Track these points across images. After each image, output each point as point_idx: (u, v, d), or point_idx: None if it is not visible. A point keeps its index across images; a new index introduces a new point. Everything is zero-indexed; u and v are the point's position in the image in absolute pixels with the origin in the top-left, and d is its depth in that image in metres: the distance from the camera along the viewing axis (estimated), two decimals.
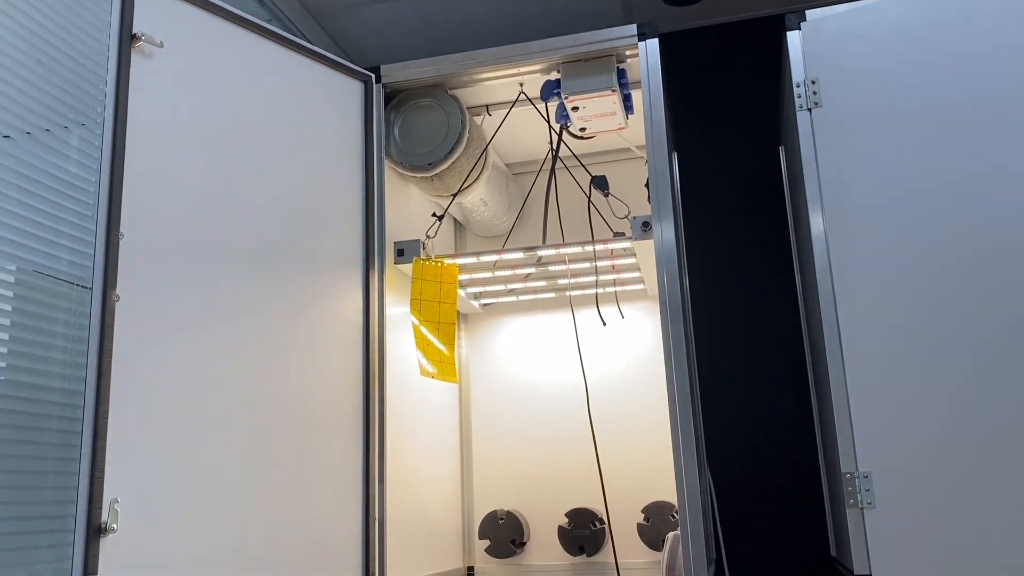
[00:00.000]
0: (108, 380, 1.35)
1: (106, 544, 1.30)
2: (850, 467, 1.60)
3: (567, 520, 2.28)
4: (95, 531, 1.29)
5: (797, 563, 2.22)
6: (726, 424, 2.36)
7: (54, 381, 1.58)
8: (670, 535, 1.77)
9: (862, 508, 1.58)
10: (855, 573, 1.56)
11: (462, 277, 2.16)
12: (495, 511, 2.33)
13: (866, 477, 1.59)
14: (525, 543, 2.32)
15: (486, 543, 2.32)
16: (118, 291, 1.40)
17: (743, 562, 2.25)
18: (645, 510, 2.22)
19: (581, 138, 2.06)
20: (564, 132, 2.06)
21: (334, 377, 1.76)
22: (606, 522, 2.24)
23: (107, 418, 1.34)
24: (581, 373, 2.37)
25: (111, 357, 1.36)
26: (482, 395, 2.46)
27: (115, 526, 1.31)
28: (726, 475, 2.32)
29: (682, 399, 1.68)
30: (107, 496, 1.32)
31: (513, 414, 2.42)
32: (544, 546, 2.32)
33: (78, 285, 1.60)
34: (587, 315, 2.41)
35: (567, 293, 2.39)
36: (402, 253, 1.96)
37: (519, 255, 1.97)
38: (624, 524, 2.26)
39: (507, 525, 2.31)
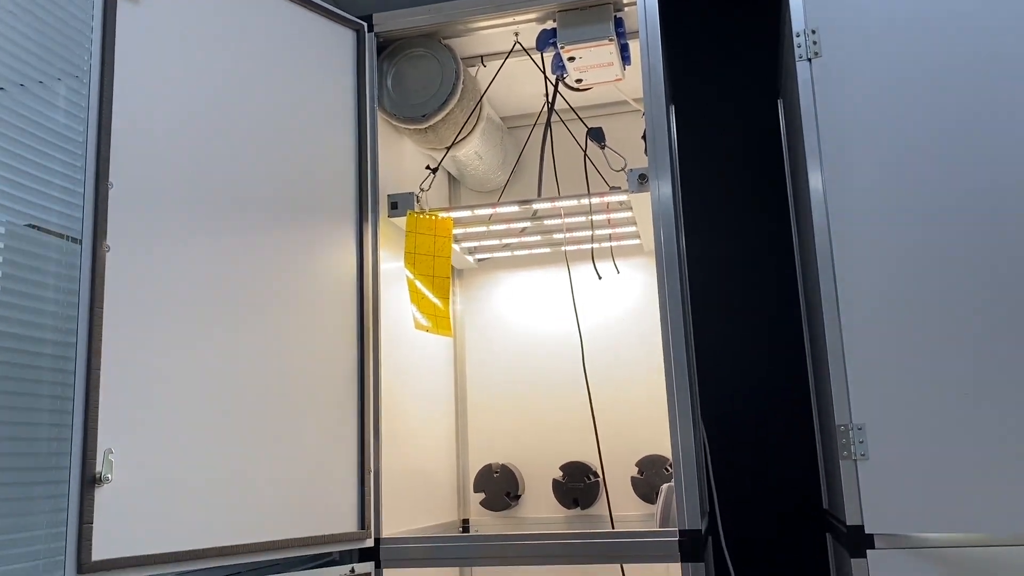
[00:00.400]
0: (100, 331, 1.34)
1: (101, 494, 1.30)
2: (844, 419, 1.61)
3: (561, 473, 2.29)
4: (90, 481, 1.29)
5: (790, 516, 2.24)
6: (720, 378, 2.36)
7: (46, 333, 1.57)
8: (664, 487, 1.78)
9: (855, 460, 1.59)
10: (847, 524, 1.58)
11: (456, 231, 2.15)
12: (490, 465, 2.34)
13: (860, 429, 1.60)
14: (520, 496, 2.34)
15: (481, 496, 2.33)
16: (108, 242, 1.39)
17: (736, 515, 2.27)
18: (639, 463, 2.24)
19: (577, 90, 2.03)
20: (560, 84, 2.02)
21: (328, 330, 1.75)
22: (600, 475, 2.26)
23: (99, 370, 1.33)
24: (576, 328, 2.37)
25: (102, 308, 1.35)
26: (476, 350, 2.46)
27: (110, 476, 1.31)
28: (719, 429, 2.33)
29: (677, 354, 1.68)
30: (101, 446, 1.31)
31: (508, 369, 2.42)
32: (538, 499, 2.33)
33: (68, 238, 1.59)
34: (582, 271, 2.40)
35: (562, 248, 2.38)
36: (396, 206, 1.94)
37: (514, 208, 1.95)
38: (618, 477, 2.28)
39: (502, 478, 2.32)
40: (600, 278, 2.36)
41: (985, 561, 1.52)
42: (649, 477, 2.22)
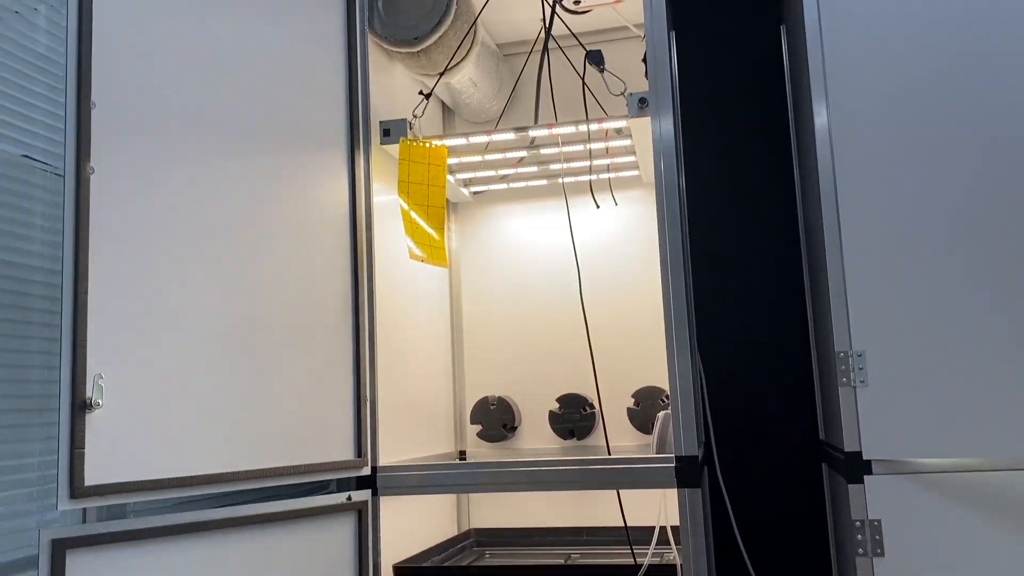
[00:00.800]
0: (86, 254, 1.31)
1: (92, 420, 1.29)
2: (844, 346, 1.59)
3: (558, 405, 2.29)
4: (80, 406, 1.27)
5: (785, 446, 2.25)
6: (717, 310, 2.34)
7: (33, 260, 1.54)
8: (660, 414, 1.77)
9: (854, 387, 1.58)
10: (845, 451, 1.57)
11: (451, 161, 2.10)
12: (486, 397, 2.34)
13: (860, 356, 1.59)
14: (516, 428, 2.34)
15: (477, 428, 2.33)
16: (92, 164, 1.35)
17: (731, 446, 2.28)
18: (635, 395, 2.23)
19: (576, 12, 1.97)
20: (558, 5, 1.96)
21: (321, 258, 1.72)
22: (596, 407, 2.25)
23: (87, 293, 1.30)
24: (573, 261, 2.34)
25: (88, 230, 1.32)
26: (472, 284, 2.43)
27: (100, 402, 1.29)
28: (716, 362, 2.32)
29: (675, 286, 1.66)
30: (91, 372, 1.29)
31: (504, 302, 2.40)
32: (535, 431, 2.33)
33: (52, 172, 1.55)
34: (580, 204, 2.36)
35: (560, 180, 2.33)
36: (388, 133, 1.89)
37: (510, 136, 1.91)
38: (614, 409, 2.28)
39: (498, 410, 2.32)
40: (598, 207, 2.32)
41: (983, 486, 1.52)
42: (645, 408, 2.21)
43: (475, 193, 2.43)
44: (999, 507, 1.50)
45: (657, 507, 2.15)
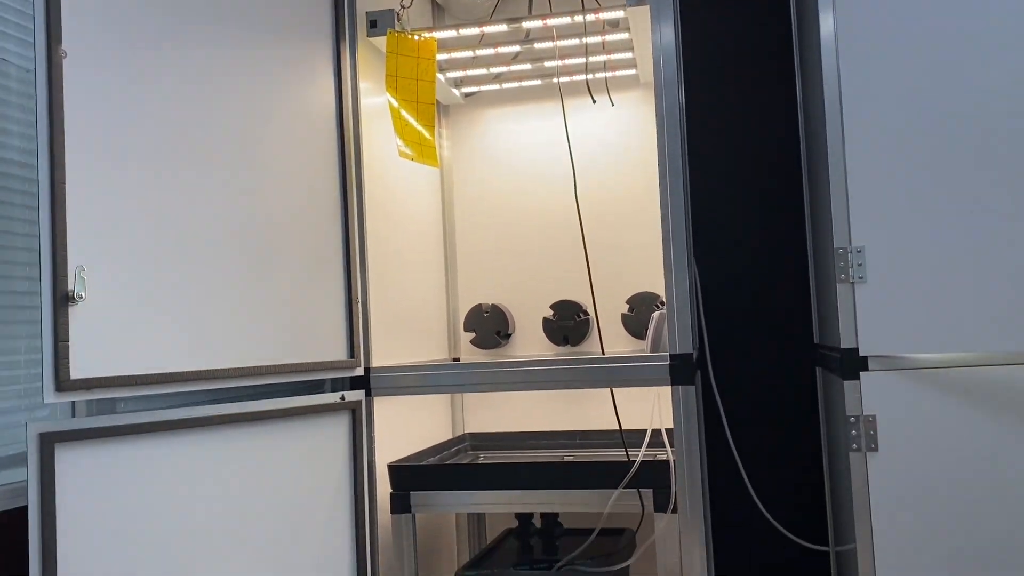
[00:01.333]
0: (61, 139, 1.25)
1: (76, 312, 1.26)
2: (843, 242, 1.56)
3: (552, 312, 2.27)
4: (62, 299, 1.24)
5: (779, 350, 2.24)
6: (714, 213, 2.31)
7: (11, 153, 1.49)
8: (655, 314, 1.75)
9: (853, 283, 1.56)
10: (841, 347, 1.56)
11: (441, 58, 2.03)
12: (480, 304, 2.31)
13: (859, 252, 1.56)
14: (510, 335, 2.32)
15: (471, 335, 2.32)
16: (65, 47, 1.28)
17: (725, 349, 2.27)
18: (629, 301, 2.21)
19: None
20: None
21: (307, 154, 1.67)
22: (590, 313, 2.24)
23: (64, 183, 1.26)
24: (568, 166, 2.29)
25: (62, 116, 1.26)
26: (465, 190, 2.38)
27: (83, 294, 1.26)
28: (711, 264, 2.29)
29: (673, 187, 1.62)
30: (72, 263, 1.26)
31: (497, 208, 2.36)
32: (528, 338, 2.32)
33: (23, 69, 1.48)
34: (575, 107, 2.30)
35: (555, 80, 2.26)
36: (375, 24, 1.81)
37: (503, 28, 1.83)
38: (608, 315, 2.26)
39: (492, 318, 2.30)
40: (594, 101, 2.25)
41: (980, 380, 1.51)
42: (640, 314, 2.20)
43: (467, 95, 2.36)
44: (995, 402, 1.50)
45: (650, 412, 2.16)
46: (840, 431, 1.78)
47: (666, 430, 2.05)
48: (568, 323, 2.25)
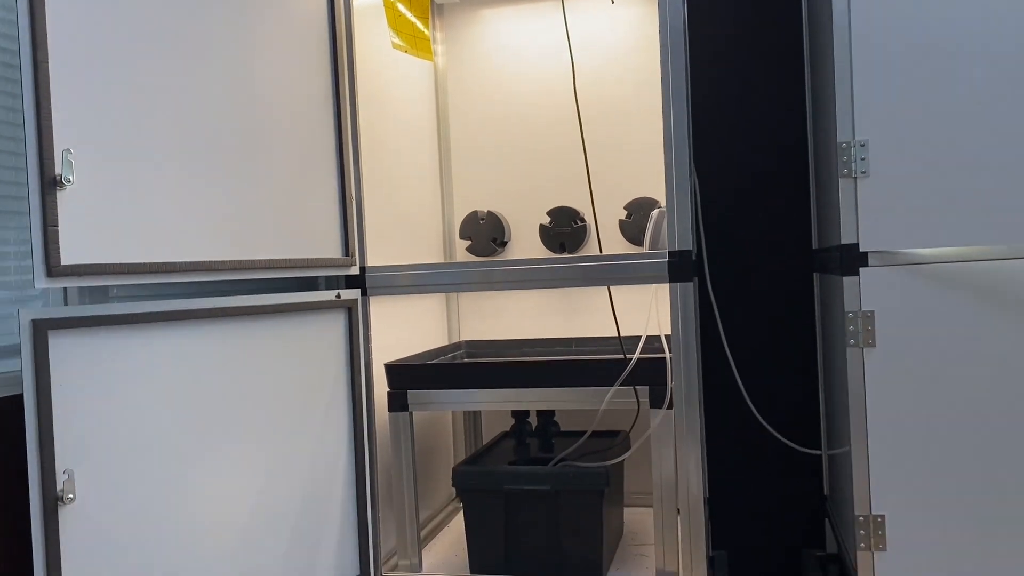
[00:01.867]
0: (43, 12, 1.20)
1: (64, 197, 1.23)
2: (847, 135, 1.54)
3: (548, 219, 2.25)
4: (50, 183, 1.21)
5: (777, 255, 2.23)
6: (714, 115, 2.27)
7: None
8: (654, 211, 1.73)
9: (855, 178, 1.54)
10: (841, 243, 1.55)
11: None
12: (475, 211, 2.29)
13: (862, 146, 1.53)
14: (506, 243, 2.30)
15: (467, 243, 2.30)
16: None
17: (721, 253, 2.26)
18: (628, 207, 2.19)
19: None
20: None
21: (301, 48, 1.62)
22: (587, 219, 2.22)
23: (47, 63, 1.21)
24: (566, 70, 2.23)
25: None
26: (461, 93, 2.33)
27: (71, 178, 1.23)
28: (710, 166, 2.26)
29: (676, 91, 1.58)
30: (59, 146, 1.22)
31: (493, 113, 2.32)
32: (525, 245, 2.31)
33: None
34: (575, 3, 2.23)
35: None
36: None
37: None
38: (606, 221, 2.24)
39: (488, 225, 2.28)
40: None
41: (981, 276, 1.50)
42: (637, 220, 2.18)
43: None
44: (996, 297, 1.49)
45: (646, 319, 2.16)
46: (837, 332, 1.78)
47: (664, 336, 2.05)
48: (565, 229, 2.23)
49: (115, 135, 1.30)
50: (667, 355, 1.65)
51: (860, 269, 1.54)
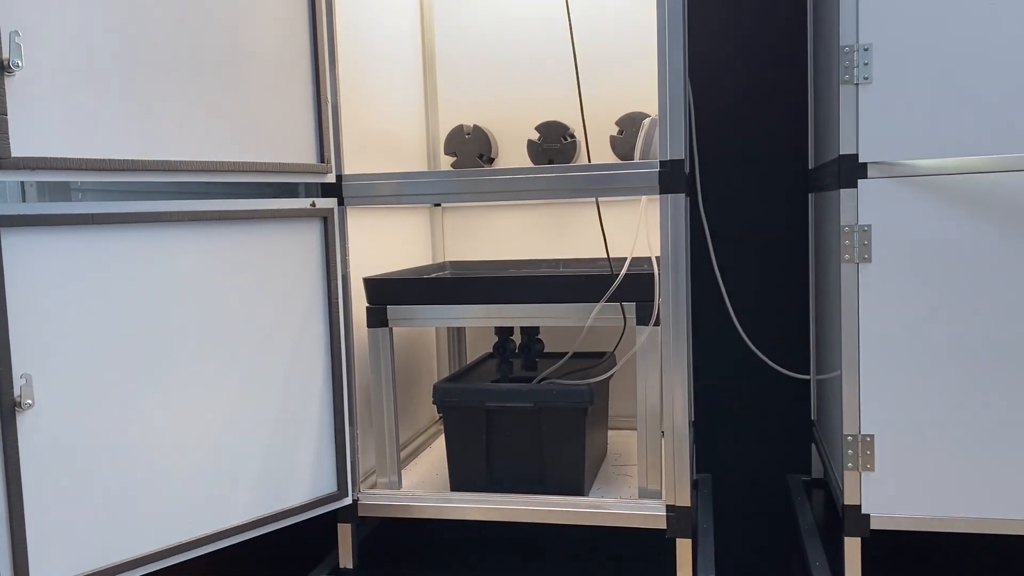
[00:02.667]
0: None
1: (13, 83, 1.15)
2: (850, 39, 1.45)
3: (537, 134, 2.16)
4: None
5: (771, 173, 2.16)
6: (712, 27, 2.17)
7: None
8: (646, 120, 1.65)
9: (857, 84, 1.46)
10: (841, 153, 1.48)
11: None
12: (461, 125, 2.20)
13: (866, 50, 1.45)
14: (493, 159, 2.22)
15: (452, 159, 2.22)
16: None
17: (715, 175, 2.19)
18: (619, 122, 2.11)
19: None
20: None
21: None
22: (576, 135, 2.13)
23: None
24: None
25: None
26: (448, 1, 2.22)
27: (19, 62, 1.14)
28: (705, 78, 2.18)
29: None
30: (4, 30, 1.13)
31: (480, 20, 2.21)
32: (512, 162, 2.23)
33: None
34: None
35: None
36: None
37: None
38: (596, 136, 2.16)
39: (474, 139, 2.19)
40: None
41: (981, 188, 1.44)
42: (628, 136, 2.10)
43: None
44: (998, 212, 1.43)
45: (633, 240, 2.10)
46: (832, 252, 1.72)
47: (655, 258, 2.00)
48: (554, 145, 2.15)
49: (67, 16, 1.21)
50: (656, 270, 1.59)
51: (859, 181, 1.48)
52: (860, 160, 1.47)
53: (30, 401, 1.19)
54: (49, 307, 1.22)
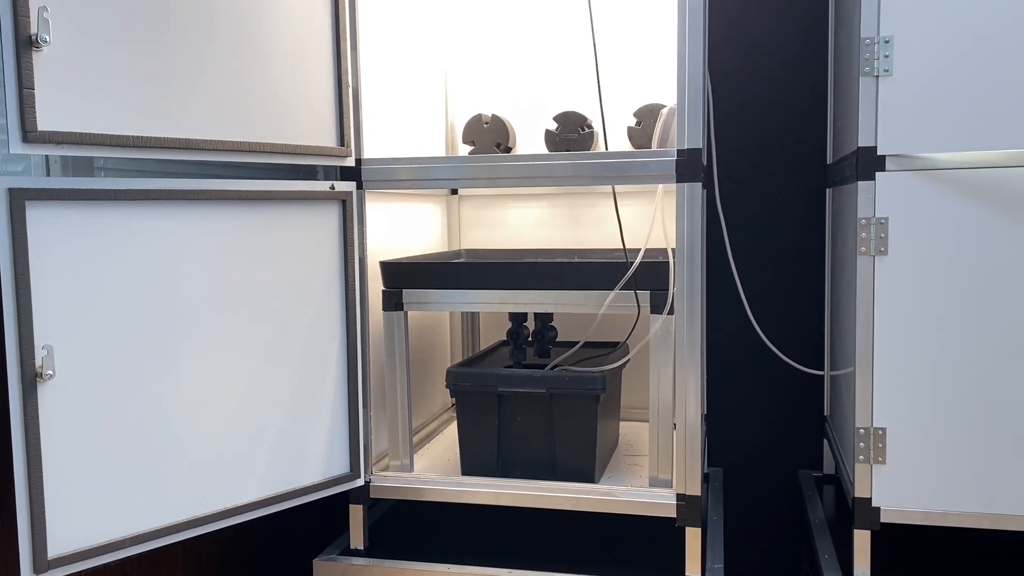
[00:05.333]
0: None
1: (40, 58, 1.17)
2: (871, 31, 1.45)
3: (555, 124, 2.16)
4: (24, 42, 1.14)
5: (788, 169, 2.16)
6: (731, 17, 2.17)
7: None
8: (664, 109, 1.66)
9: (877, 76, 1.46)
10: (859, 145, 1.48)
11: None
12: (479, 114, 2.21)
13: (887, 42, 1.45)
14: (511, 148, 2.23)
15: (469, 148, 2.22)
16: None
17: (733, 167, 2.19)
18: (637, 113, 2.11)
19: None
20: None
21: None
22: (594, 126, 2.14)
23: None
24: None
25: None
26: None
27: (47, 38, 1.16)
28: (724, 71, 2.18)
29: None
30: (34, 4, 1.15)
31: (499, 10, 2.22)
32: (530, 150, 2.24)
33: None
34: None
35: None
36: None
37: None
38: (614, 127, 2.17)
39: (492, 129, 2.20)
40: None
41: (1002, 183, 1.43)
42: (647, 127, 2.10)
43: None
44: (1016, 207, 1.43)
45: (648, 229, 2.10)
46: (848, 247, 1.72)
47: (671, 250, 2.00)
48: (572, 135, 2.15)
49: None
50: (671, 259, 1.60)
51: (876, 174, 1.47)
52: (878, 152, 1.47)
53: (51, 372, 1.21)
54: (70, 280, 1.24)
